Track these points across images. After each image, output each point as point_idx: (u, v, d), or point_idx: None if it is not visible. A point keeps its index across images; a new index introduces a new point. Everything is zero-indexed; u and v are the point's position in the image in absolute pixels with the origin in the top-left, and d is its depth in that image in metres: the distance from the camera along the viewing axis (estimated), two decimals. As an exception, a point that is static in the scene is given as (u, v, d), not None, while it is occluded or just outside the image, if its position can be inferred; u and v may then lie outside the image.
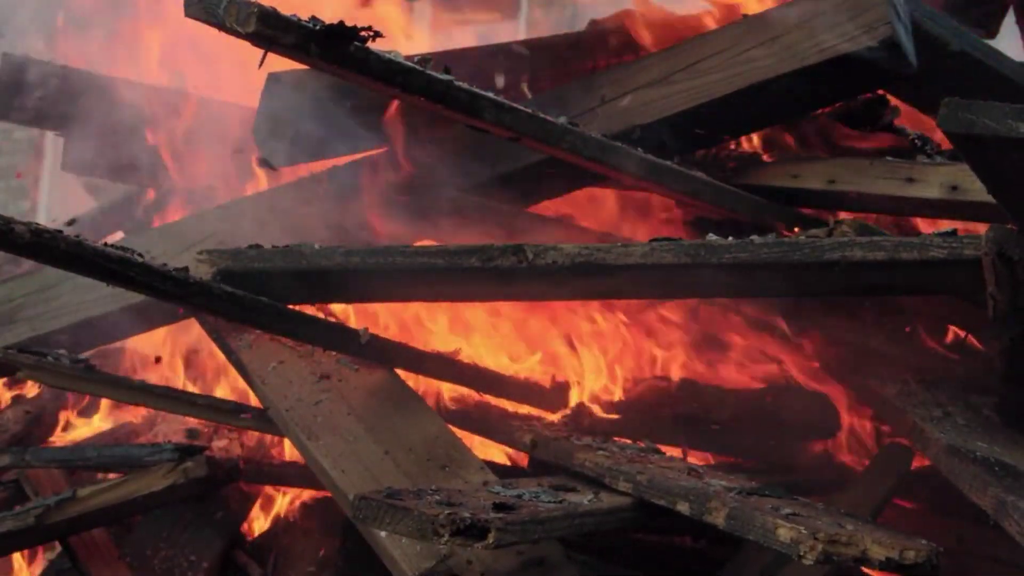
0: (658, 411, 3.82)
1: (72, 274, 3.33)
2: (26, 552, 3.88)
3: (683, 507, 2.76)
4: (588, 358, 3.98)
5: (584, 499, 2.88)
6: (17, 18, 5.02)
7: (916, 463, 3.64)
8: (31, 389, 4.31)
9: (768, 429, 3.84)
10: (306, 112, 3.87)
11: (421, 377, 3.73)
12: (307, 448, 3.36)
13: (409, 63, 3.23)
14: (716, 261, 3.06)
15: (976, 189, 3.22)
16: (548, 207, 4.11)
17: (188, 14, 3.02)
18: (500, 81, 4.15)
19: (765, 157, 4.14)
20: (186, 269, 3.15)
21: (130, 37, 4.54)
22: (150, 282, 3.00)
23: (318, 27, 3.01)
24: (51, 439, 4.19)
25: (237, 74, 3.99)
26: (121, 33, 4.59)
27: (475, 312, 3.97)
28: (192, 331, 4.20)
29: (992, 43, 4.43)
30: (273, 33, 2.95)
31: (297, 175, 4.13)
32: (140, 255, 3.00)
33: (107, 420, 4.27)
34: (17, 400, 4.31)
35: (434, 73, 3.27)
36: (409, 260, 3.31)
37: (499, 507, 2.64)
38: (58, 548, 3.79)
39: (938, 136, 3.83)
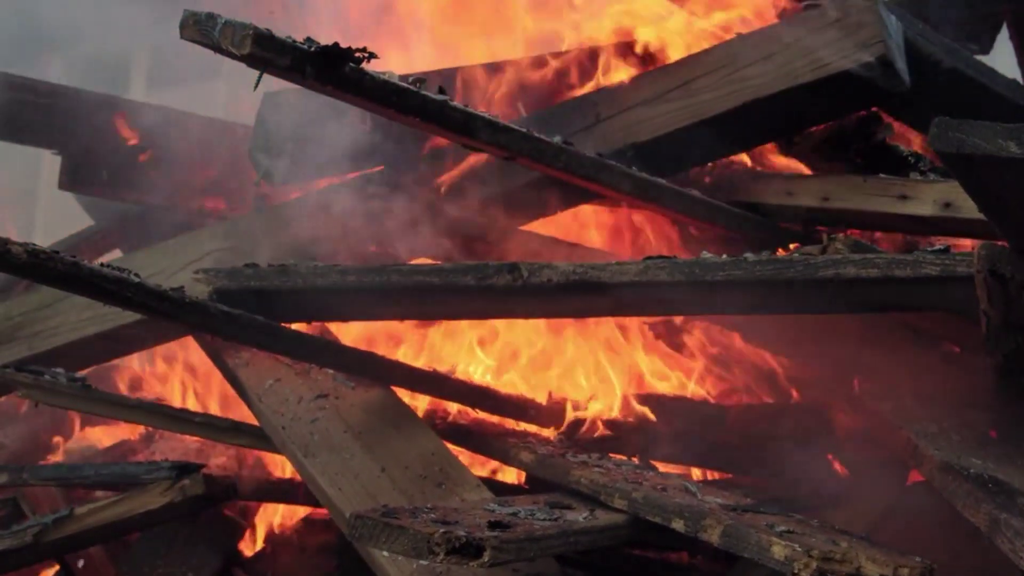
0: (654, 428, 3.82)
1: (69, 293, 3.34)
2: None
3: (678, 524, 2.77)
4: (585, 374, 3.98)
5: (580, 516, 2.89)
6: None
7: (912, 479, 3.64)
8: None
9: (764, 446, 3.84)
10: (303, 131, 3.88)
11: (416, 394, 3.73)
12: (303, 465, 3.37)
13: (403, 83, 3.24)
14: (710, 279, 3.07)
15: (969, 206, 3.23)
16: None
17: (184, 36, 3.02)
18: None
19: (759, 174, 4.15)
20: (182, 288, 3.16)
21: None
22: (146, 302, 3.00)
23: (313, 49, 3.02)
24: (49, 457, 4.20)
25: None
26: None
27: (470, 329, 3.98)
28: (190, 349, 4.21)
29: (985, 59, 4.44)
30: (268, 55, 2.95)
31: (295, 194, 4.15)
32: (136, 275, 3.00)
33: (105, 438, 4.29)
34: (15, 418, 4.32)
35: (429, 93, 3.27)
36: (404, 278, 3.32)
37: (494, 525, 2.65)
38: (56, 567, 3.80)
39: (931, 153, 3.84)
